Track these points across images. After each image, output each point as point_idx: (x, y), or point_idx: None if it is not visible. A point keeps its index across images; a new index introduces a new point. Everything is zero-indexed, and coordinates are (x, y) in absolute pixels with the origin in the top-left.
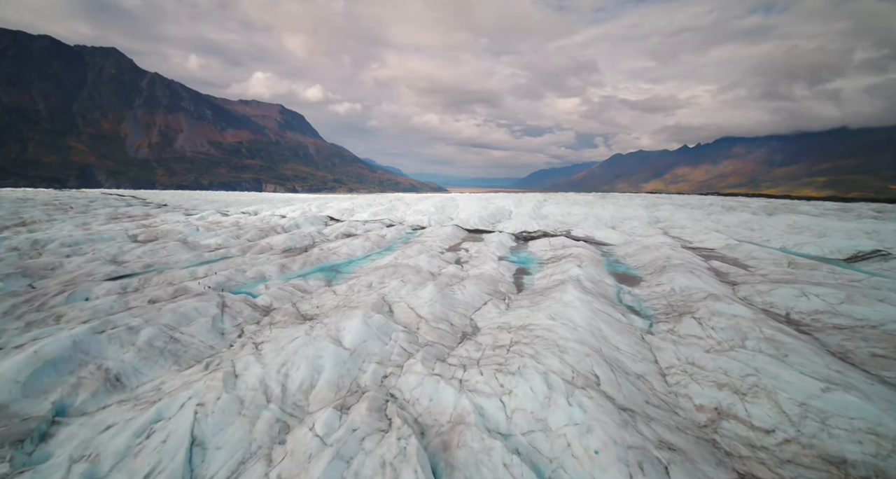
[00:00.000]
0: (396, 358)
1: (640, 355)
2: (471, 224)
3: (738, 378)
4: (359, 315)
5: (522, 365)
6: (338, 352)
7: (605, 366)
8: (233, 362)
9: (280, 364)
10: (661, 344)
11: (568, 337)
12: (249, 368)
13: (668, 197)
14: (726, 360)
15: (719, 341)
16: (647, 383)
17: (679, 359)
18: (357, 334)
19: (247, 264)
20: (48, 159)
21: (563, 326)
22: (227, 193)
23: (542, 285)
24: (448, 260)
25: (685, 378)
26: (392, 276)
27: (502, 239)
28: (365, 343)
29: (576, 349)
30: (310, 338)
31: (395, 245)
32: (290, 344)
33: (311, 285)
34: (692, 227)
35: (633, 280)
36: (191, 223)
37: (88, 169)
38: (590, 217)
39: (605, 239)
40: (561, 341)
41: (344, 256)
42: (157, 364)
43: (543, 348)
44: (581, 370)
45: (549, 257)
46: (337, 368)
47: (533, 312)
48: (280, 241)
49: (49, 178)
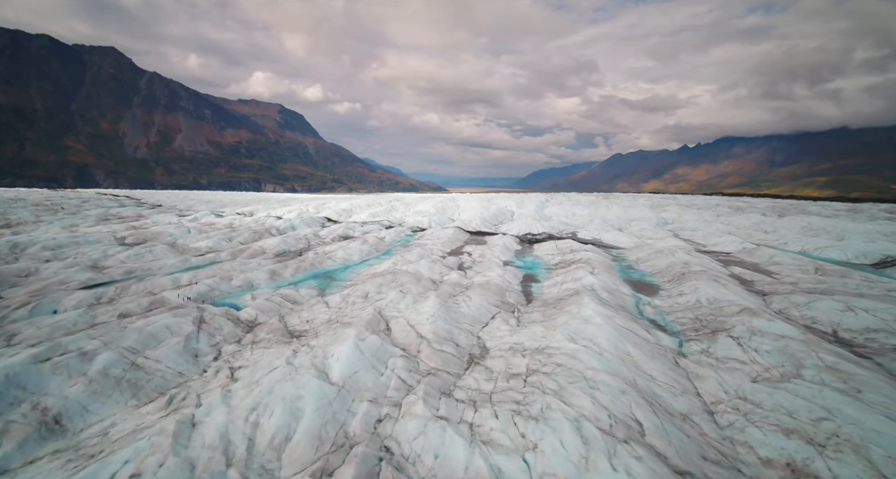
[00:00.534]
0: (393, 394)
1: (679, 386)
2: (473, 226)
3: (809, 422)
4: (350, 337)
5: (546, 406)
6: (322, 390)
7: (645, 406)
8: (199, 397)
9: (250, 408)
10: (699, 370)
11: (596, 367)
12: (213, 412)
13: (672, 197)
14: (786, 396)
15: (767, 368)
16: (697, 427)
17: (726, 391)
18: (347, 362)
19: (235, 270)
20: (46, 159)
21: (586, 350)
22: (225, 193)
23: (554, 294)
24: (450, 266)
25: (739, 419)
26: (390, 285)
27: (506, 242)
28: (356, 375)
29: (608, 384)
30: (291, 369)
31: (395, 249)
32: (268, 376)
33: (303, 294)
34: (703, 229)
35: (650, 289)
36: (183, 225)
37: (86, 169)
38: (595, 218)
39: (613, 242)
40: (589, 372)
41: (340, 260)
42: (110, 399)
43: (568, 381)
44: (619, 414)
45: (558, 262)
46: (320, 412)
47: (549, 330)
48: (273, 244)
49: (47, 178)
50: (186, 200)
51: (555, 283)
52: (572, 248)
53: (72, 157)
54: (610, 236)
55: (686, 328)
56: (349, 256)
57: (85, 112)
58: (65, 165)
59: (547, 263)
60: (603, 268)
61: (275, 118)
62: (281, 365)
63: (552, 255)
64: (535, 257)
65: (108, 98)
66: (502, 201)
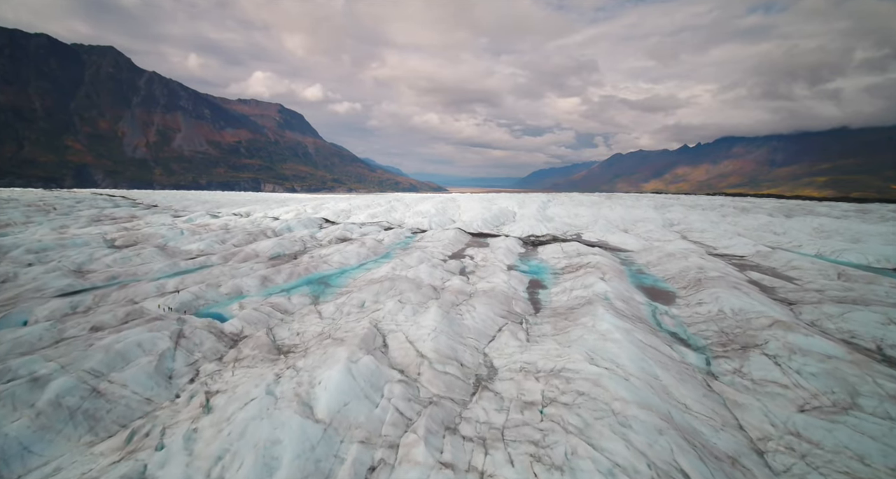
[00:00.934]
0: (390, 430)
1: (718, 418)
2: (474, 227)
3: (888, 472)
4: (342, 359)
5: (571, 451)
6: (305, 430)
7: (688, 450)
8: (163, 434)
9: (215, 457)
10: (736, 396)
11: (624, 397)
12: (170, 462)
13: (676, 198)
14: (848, 433)
15: (815, 394)
16: (749, 474)
17: (773, 424)
18: (337, 390)
19: (225, 275)
20: (45, 159)
21: (610, 375)
22: (223, 193)
23: (563, 302)
24: (452, 270)
25: (797, 462)
26: (388, 292)
27: (510, 244)
28: (346, 408)
29: (641, 420)
30: (270, 400)
31: (394, 251)
32: (242, 412)
33: (295, 303)
34: (711, 230)
35: (666, 296)
36: (176, 226)
37: (85, 169)
38: (599, 219)
39: (620, 244)
40: (617, 405)
41: (336, 265)
42: (60, 435)
43: (594, 417)
44: (660, 463)
45: (564, 266)
46: (300, 460)
47: (563, 347)
48: (268, 247)
49: (45, 177)
50: (183, 200)
51: (563, 289)
52: (579, 251)
53: (71, 156)
54: (616, 238)
55: (711, 343)
56: (346, 259)
57: (84, 112)
58: (64, 164)
59: (553, 267)
60: (614, 273)
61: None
62: (259, 395)
63: (558, 258)
64: (540, 260)
65: (106, 98)
66: (503, 202)
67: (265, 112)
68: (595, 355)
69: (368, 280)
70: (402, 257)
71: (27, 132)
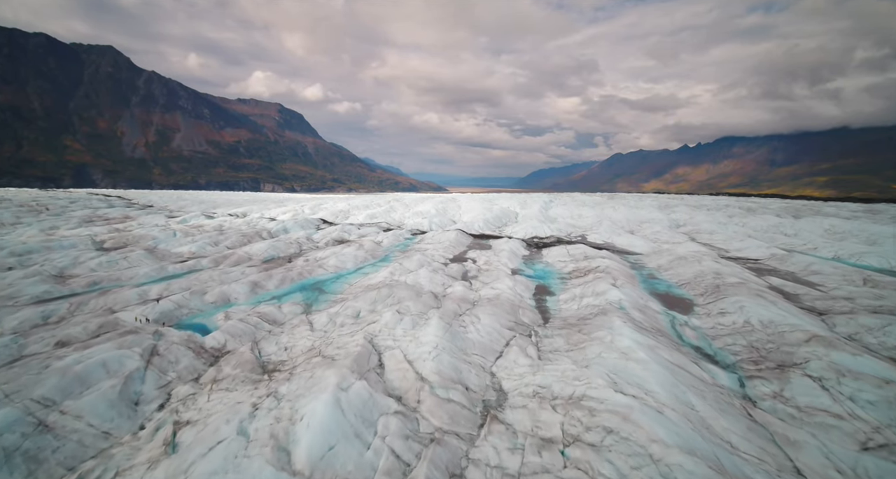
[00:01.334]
0: None
1: (769, 459)
2: (475, 228)
3: None
4: (330, 385)
5: None
6: None
7: None
8: None
9: None
10: (785, 429)
11: (663, 438)
12: None
13: (680, 198)
14: None
15: (877, 427)
16: None
17: (838, 469)
18: (321, 430)
19: (213, 281)
20: (43, 158)
21: (641, 406)
22: (220, 193)
23: (574, 311)
24: (453, 275)
25: None
26: (386, 301)
27: (513, 247)
28: (332, 453)
29: (688, 471)
30: (241, 444)
31: (392, 254)
32: (204, 460)
33: (285, 312)
34: (721, 232)
35: (683, 304)
36: (169, 227)
37: (84, 168)
38: (603, 220)
39: (627, 246)
40: (655, 448)
41: (332, 269)
42: None
43: (630, 465)
44: None
45: (572, 271)
46: None
47: (580, 367)
48: (261, 249)
49: (44, 177)
50: (179, 200)
51: (573, 296)
52: (586, 253)
53: (69, 156)
54: (623, 240)
55: (742, 360)
56: (342, 263)
57: (83, 111)
58: (62, 164)
59: (560, 271)
60: (625, 279)
61: (274, 118)
62: (230, 435)
63: (564, 261)
64: (545, 263)
65: (106, 97)
66: (505, 202)
67: (265, 112)
68: (619, 379)
69: (365, 286)
70: (401, 261)
71: (26, 132)
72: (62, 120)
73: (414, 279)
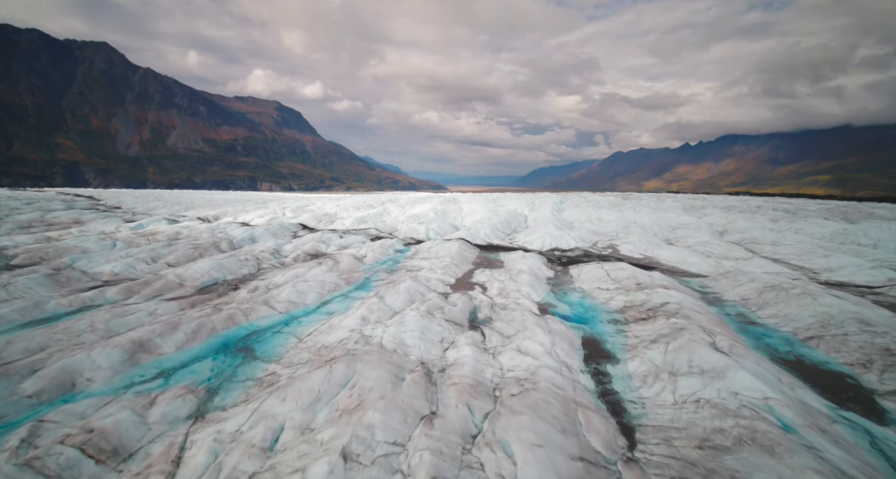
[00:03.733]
0: None
1: None
2: (481, 236)
3: None
4: None
5: None
6: None
7: None
8: None
9: None
10: None
11: None
12: None
13: (702, 198)
14: None
15: None
16: None
17: None
18: None
19: (86, 335)
20: (34, 157)
21: None
22: (206, 192)
23: (672, 413)
24: (457, 319)
25: None
26: (340, 389)
27: (532, 264)
28: None
29: None
30: None
31: (375, 277)
32: None
33: (153, 418)
34: (782, 242)
35: (844, 390)
36: (112, 236)
37: (76, 167)
38: (630, 225)
39: (677, 263)
40: None
41: (282, 306)
42: None
43: None
44: None
45: (624, 307)
46: None
47: None
48: (203, 270)
49: (34, 176)
50: (154, 200)
51: (653, 370)
52: (635, 278)
53: (61, 155)
54: (667, 254)
55: None
56: (300, 296)
57: (76, 109)
58: (54, 163)
59: (606, 306)
60: (723, 332)
61: (272, 116)
62: None
63: (608, 289)
64: (581, 292)
65: (99, 94)
66: (511, 203)
67: (262, 109)
68: None
69: (318, 348)
70: (383, 292)
71: (17, 130)
72: (54, 118)
73: (396, 335)
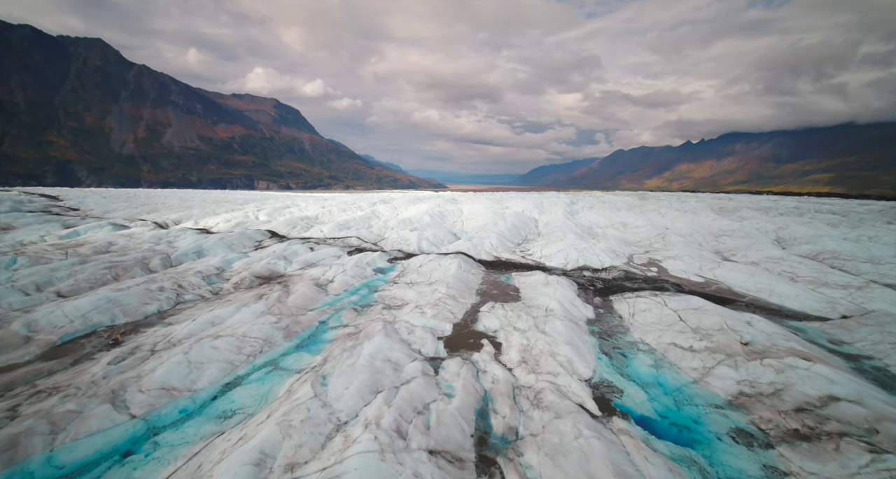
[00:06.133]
0: None
1: None
2: (486, 248)
3: None
4: None
5: None
6: None
7: None
8: None
9: None
10: None
11: None
12: None
13: (728, 198)
14: None
15: None
16: None
17: None
18: None
19: None
20: (25, 155)
21: None
22: (193, 191)
23: None
24: (453, 449)
25: None
26: None
27: (561, 297)
28: None
29: None
30: None
31: (333, 322)
32: None
33: None
34: (863, 255)
35: None
36: (16, 250)
37: (69, 165)
38: (665, 233)
39: (755, 292)
40: None
41: (143, 404)
42: None
43: None
44: None
45: (738, 396)
46: None
47: None
48: (80, 310)
49: (25, 175)
50: (121, 201)
51: None
52: (731, 327)
53: (54, 153)
54: (736, 277)
55: None
56: (191, 374)
57: (69, 106)
58: (45, 161)
59: (707, 391)
60: None
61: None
62: None
63: (692, 350)
64: (649, 353)
65: (93, 91)
66: (517, 204)
67: (260, 107)
68: None
69: None
70: (333, 364)
71: (8, 127)
72: (47, 115)
73: None
